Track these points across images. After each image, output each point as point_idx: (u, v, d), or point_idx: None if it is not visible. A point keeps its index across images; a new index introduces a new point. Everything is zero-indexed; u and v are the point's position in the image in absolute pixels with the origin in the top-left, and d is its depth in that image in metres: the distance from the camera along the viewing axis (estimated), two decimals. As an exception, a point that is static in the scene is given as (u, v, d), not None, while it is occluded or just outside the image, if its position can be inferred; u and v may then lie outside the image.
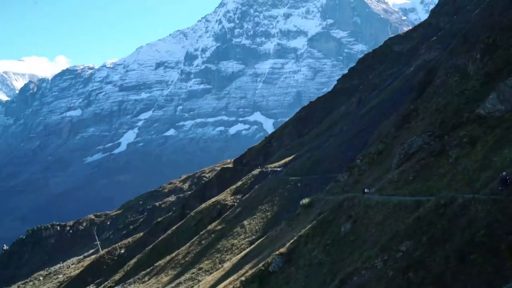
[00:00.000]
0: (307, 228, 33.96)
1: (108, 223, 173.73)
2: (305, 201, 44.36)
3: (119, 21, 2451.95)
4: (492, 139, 27.02)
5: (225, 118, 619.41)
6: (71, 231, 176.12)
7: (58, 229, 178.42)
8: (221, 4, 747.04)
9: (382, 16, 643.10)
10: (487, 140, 27.52)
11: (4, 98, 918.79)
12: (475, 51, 40.82)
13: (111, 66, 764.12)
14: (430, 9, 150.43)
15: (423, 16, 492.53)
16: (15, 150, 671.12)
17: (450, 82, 45.45)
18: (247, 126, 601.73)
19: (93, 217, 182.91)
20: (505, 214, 18.46)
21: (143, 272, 72.83)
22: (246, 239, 56.86)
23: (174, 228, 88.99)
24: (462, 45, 51.32)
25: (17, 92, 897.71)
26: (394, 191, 31.06)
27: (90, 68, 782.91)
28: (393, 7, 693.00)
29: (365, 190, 34.27)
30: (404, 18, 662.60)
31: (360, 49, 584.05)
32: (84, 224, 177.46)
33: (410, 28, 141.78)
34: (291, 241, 34.13)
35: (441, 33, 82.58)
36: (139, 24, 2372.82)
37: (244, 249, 52.85)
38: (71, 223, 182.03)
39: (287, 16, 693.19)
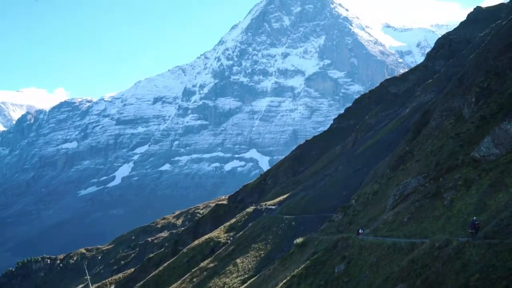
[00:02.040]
0: (300, 268, 33.57)
1: (99, 257, 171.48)
2: (299, 240, 43.97)
3: (119, 55, 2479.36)
4: (487, 183, 27.03)
5: (221, 154, 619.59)
6: (61, 265, 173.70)
7: (48, 262, 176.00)
8: (221, 42, 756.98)
9: (378, 58, 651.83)
10: (482, 183, 27.53)
11: (1, 128, 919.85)
12: (471, 95, 41.25)
13: (109, 99, 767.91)
14: (426, 52, 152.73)
15: (419, 59, 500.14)
16: (9, 180, 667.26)
17: (446, 124, 45.74)
18: (242, 163, 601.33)
19: (84, 251, 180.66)
20: (500, 259, 18.31)
21: (132, 309, 71.53)
22: (239, 278, 56.04)
23: (165, 264, 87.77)
24: (458, 88, 51.90)
25: (14, 122, 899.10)
26: (388, 232, 30.85)
27: (88, 101, 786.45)
28: (389, 49, 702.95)
29: (360, 231, 34.05)
30: (400, 60, 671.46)
31: (357, 89, 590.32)
32: (75, 258, 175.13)
33: (406, 70, 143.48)
34: (284, 281, 33.69)
35: (437, 76, 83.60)
36: (138, 59, 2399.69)
37: (236, 288, 52.08)
38: (61, 256, 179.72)
39: (285, 55, 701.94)
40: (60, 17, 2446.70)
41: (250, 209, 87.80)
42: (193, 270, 68.95)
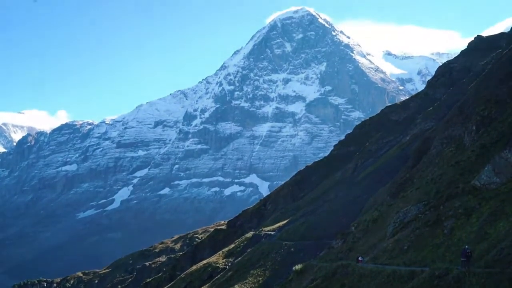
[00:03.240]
0: (299, 295, 33.25)
1: (96, 281, 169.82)
2: (298, 267, 43.65)
3: (120, 79, 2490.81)
4: (487, 211, 26.96)
5: (220, 179, 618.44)
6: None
7: (45, 285, 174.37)
8: (223, 67, 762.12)
9: (379, 85, 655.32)
10: (482, 212, 27.45)
11: (1, 149, 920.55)
12: (471, 123, 41.38)
13: (110, 122, 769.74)
14: (426, 80, 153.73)
15: (420, 86, 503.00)
16: (7, 202, 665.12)
17: (446, 152, 45.79)
18: (242, 188, 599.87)
19: (81, 274, 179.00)
20: (501, 289, 18.16)
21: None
22: (237, 304, 55.49)
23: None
24: (458, 116, 52.05)
25: (14, 144, 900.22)
26: (388, 260, 30.66)
27: (89, 124, 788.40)
28: (390, 76, 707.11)
29: (359, 258, 33.84)
30: (401, 87, 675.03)
31: (357, 116, 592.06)
32: (72, 281, 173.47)
33: (407, 97, 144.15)
34: (282, 308, 33.35)
35: (437, 104, 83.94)
36: (140, 83, 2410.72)
37: (234, 315, 51.50)
38: (58, 279, 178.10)
39: (286, 81, 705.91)
40: (62, 41, 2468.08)
41: (249, 234, 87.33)
42: (190, 296, 68.32)
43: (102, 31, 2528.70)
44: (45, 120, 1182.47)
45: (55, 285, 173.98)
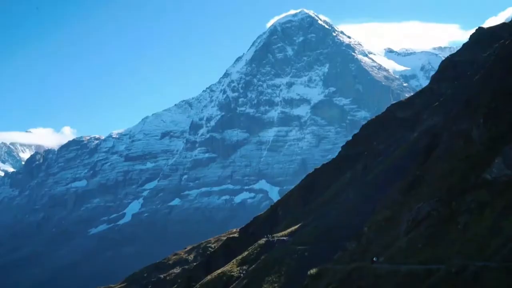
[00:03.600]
0: (315, 300, 33.02)
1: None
2: (313, 271, 43.40)
3: (124, 92, 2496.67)
4: (500, 204, 26.70)
5: (230, 186, 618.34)
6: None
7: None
8: (225, 75, 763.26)
9: (383, 83, 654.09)
10: (495, 205, 27.19)
11: (10, 169, 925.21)
12: (478, 116, 41.05)
13: (117, 136, 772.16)
14: (430, 75, 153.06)
15: (424, 82, 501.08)
16: (19, 222, 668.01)
17: (455, 147, 45.49)
18: (252, 195, 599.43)
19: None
20: (520, 283, 17.90)
21: None
22: (253, 312, 55.26)
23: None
24: (465, 110, 51.75)
25: (23, 163, 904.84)
26: (403, 259, 30.41)
27: (96, 139, 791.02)
28: (394, 74, 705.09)
29: (374, 259, 33.61)
30: (405, 84, 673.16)
31: (363, 115, 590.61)
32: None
33: (412, 94, 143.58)
34: (300, 314, 33.11)
35: (443, 99, 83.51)
36: (144, 95, 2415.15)
37: (251, 323, 51.27)
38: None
39: (290, 85, 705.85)
40: (63, 55, 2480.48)
41: (262, 241, 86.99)
42: (207, 306, 68.18)
43: (101, 45, 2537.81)
44: (51, 138, 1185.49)
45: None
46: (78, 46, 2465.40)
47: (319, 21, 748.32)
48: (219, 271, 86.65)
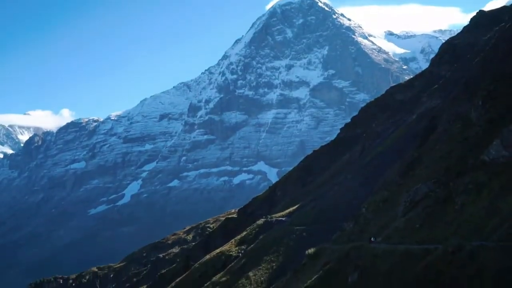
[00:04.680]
0: (313, 279, 33.42)
1: (111, 275, 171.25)
2: (311, 251, 43.83)
3: (123, 74, 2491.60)
4: (498, 186, 26.91)
5: (229, 168, 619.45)
6: (74, 284, 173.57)
7: (61, 282, 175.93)
8: (224, 57, 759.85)
9: (383, 65, 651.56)
10: (492, 186, 27.40)
11: (9, 151, 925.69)
12: (477, 98, 41.14)
13: (115, 118, 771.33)
14: (430, 58, 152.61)
15: (424, 65, 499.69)
16: (19, 203, 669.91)
17: (453, 129, 45.64)
18: (251, 176, 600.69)
19: (96, 269, 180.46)
20: (515, 261, 18.18)
21: (146, 327, 71.36)
22: (252, 291, 55.85)
23: (178, 280, 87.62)
24: (464, 92, 51.83)
25: (22, 145, 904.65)
26: (400, 239, 30.75)
27: (95, 121, 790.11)
28: (393, 57, 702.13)
29: (372, 239, 33.96)
30: (405, 67, 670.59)
31: (362, 98, 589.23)
32: (87, 277, 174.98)
33: (411, 77, 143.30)
34: (298, 292, 33.54)
35: (442, 81, 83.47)
36: (143, 77, 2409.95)
37: (250, 301, 51.85)
38: (74, 276, 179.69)
39: (289, 67, 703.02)
40: (61, 37, 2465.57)
41: (260, 221, 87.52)
42: (205, 285, 68.83)
43: (100, 27, 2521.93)
44: (50, 120, 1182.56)
45: (71, 281, 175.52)
46: (77, 29, 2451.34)
47: (319, 3, 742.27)
48: (217, 250, 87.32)
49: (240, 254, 75.58)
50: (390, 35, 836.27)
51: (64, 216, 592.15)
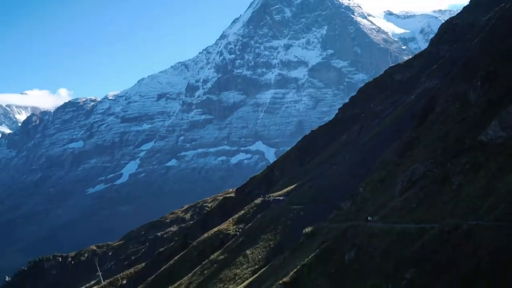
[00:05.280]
0: (310, 257, 33.67)
1: (110, 253, 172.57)
2: (308, 229, 44.09)
3: (120, 54, 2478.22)
4: (495, 166, 26.99)
5: (226, 148, 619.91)
6: (72, 262, 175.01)
7: (60, 260, 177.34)
8: (222, 36, 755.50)
9: (382, 45, 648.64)
10: (490, 166, 27.49)
11: (7, 131, 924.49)
12: (476, 79, 41.03)
13: (113, 98, 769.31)
14: (429, 38, 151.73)
15: (423, 45, 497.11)
16: (17, 182, 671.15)
17: (451, 109, 45.58)
18: (249, 156, 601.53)
19: (95, 248, 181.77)
20: (510, 241, 18.33)
21: (145, 304, 72.02)
22: (249, 269, 56.33)
23: (176, 258, 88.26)
24: (463, 73, 51.65)
25: (19, 125, 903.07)
26: (397, 218, 30.92)
27: (92, 101, 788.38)
28: (392, 36, 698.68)
29: (369, 218, 34.13)
30: (404, 47, 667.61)
31: (361, 78, 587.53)
32: (86, 255, 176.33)
33: (410, 57, 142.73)
34: (294, 270, 33.81)
35: (441, 62, 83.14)
36: (140, 57, 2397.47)
37: (247, 279, 52.34)
38: (72, 254, 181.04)
39: (287, 47, 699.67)
40: (59, 17, 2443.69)
41: (258, 200, 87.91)
42: (203, 263, 69.33)
43: (99, 6, 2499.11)
44: (47, 99, 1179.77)
45: (69, 259, 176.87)
46: (74, 8, 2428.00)
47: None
48: (215, 229, 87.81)
49: (238, 233, 76.08)
50: (389, 15, 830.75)
51: (62, 195, 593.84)
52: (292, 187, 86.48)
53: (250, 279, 50.22)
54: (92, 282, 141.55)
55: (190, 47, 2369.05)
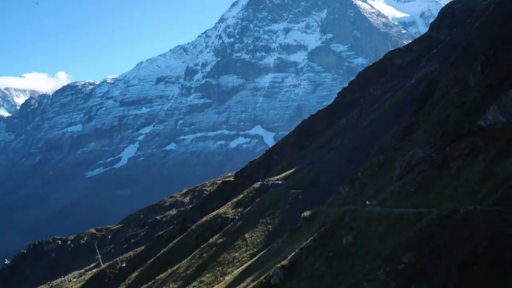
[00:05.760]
0: (308, 241, 33.76)
1: (109, 237, 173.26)
2: (306, 213, 44.16)
3: (119, 37, 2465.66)
4: (494, 151, 26.93)
5: (225, 132, 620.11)
6: (72, 245, 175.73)
7: (59, 243, 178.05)
8: (221, 20, 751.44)
9: (382, 30, 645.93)
10: (488, 151, 27.43)
11: (6, 114, 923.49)
12: (476, 63, 40.83)
13: (112, 81, 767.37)
14: (429, 22, 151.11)
15: (423, 29, 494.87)
16: (16, 165, 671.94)
17: (451, 94, 45.44)
18: (247, 140, 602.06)
19: (94, 231, 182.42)
20: (509, 225, 18.34)
21: (144, 286, 72.41)
22: (248, 252, 56.58)
23: (175, 241, 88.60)
24: (463, 57, 51.44)
25: (18, 108, 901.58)
26: (395, 203, 30.95)
27: (91, 84, 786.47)
28: (392, 21, 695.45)
29: (367, 202, 34.17)
30: (403, 31, 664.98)
31: (360, 62, 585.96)
32: (85, 238, 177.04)
33: (410, 41, 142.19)
34: (293, 253, 33.92)
35: (441, 46, 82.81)
36: (139, 40, 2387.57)
37: (246, 262, 52.57)
38: (72, 237, 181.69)
39: (287, 30, 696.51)
40: (57, 1, 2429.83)
41: (257, 184, 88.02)
42: (202, 246, 69.58)
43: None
44: (46, 83, 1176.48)
45: (69, 242, 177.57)
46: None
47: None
48: (214, 213, 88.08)
49: (237, 217, 76.30)
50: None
51: (61, 178, 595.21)
52: (291, 171, 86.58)
53: (249, 263, 50.44)
54: (92, 265, 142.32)
55: (189, 31, 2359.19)
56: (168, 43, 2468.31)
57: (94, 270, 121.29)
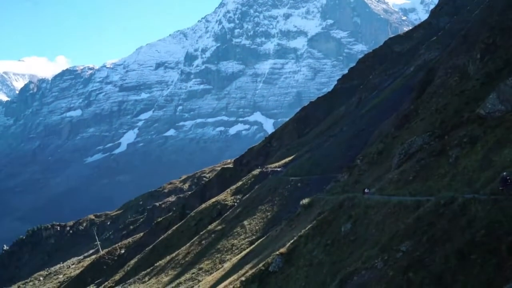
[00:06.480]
0: (307, 228, 33.88)
1: (108, 223, 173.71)
2: (305, 201, 44.26)
3: (119, 22, 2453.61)
4: (492, 139, 26.93)
5: (225, 118, 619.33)
6: (71, 231, 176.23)
7: (58, 229, 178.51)
8: (221, 5, 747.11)
9: (382, 16, 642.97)
10: (487, 140, 27.43)
11: (4, 98, 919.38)
12: (475, 51, 40.75)
13: (111, 66, 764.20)
14: (430, 9, 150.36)
15: (423, 16, 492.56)
16: (15, 150, 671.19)
17: (450, 82, 45.38)
18: (247, 126, 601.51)
19: (93, 217, 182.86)
20: (506, 214, 18.39)
21: (143, 272, 72.75)
22: (246, 239, 56.78)
23: (174, 228, 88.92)
24: (462, 45, 51.30)
25: (17, 92, 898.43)
26: (394, 191, 31.00)
27: (90, 69, 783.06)
28: (393, 7, 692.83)
29: (365, 190, 34.21)
30: (404, 18, 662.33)
31: (360, 49, 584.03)
32: (84, 224, 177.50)
33: (410, 28, 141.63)
34: (291, 241, 34.06)
35: (441, 33, 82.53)
36: (139, 25, 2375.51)
37: (244, 249, 52.78)
38: (71, 223, 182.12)
39: (287, 16, 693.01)
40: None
41: (256, 171, 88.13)
42: (201, 233, 69.86)
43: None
44: (45, 67, 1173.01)
45: (68, 228, 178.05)
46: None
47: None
48: (213, 199, 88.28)
49: (236, 204, 76.50)
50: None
51: (60, 163, 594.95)
52: (290, 158, 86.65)
53: (247, 250, 50.64)
54: (91, 251, 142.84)
55: (189, 15, 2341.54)
56: (168, 27, 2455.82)
57: (93, 256, 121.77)
